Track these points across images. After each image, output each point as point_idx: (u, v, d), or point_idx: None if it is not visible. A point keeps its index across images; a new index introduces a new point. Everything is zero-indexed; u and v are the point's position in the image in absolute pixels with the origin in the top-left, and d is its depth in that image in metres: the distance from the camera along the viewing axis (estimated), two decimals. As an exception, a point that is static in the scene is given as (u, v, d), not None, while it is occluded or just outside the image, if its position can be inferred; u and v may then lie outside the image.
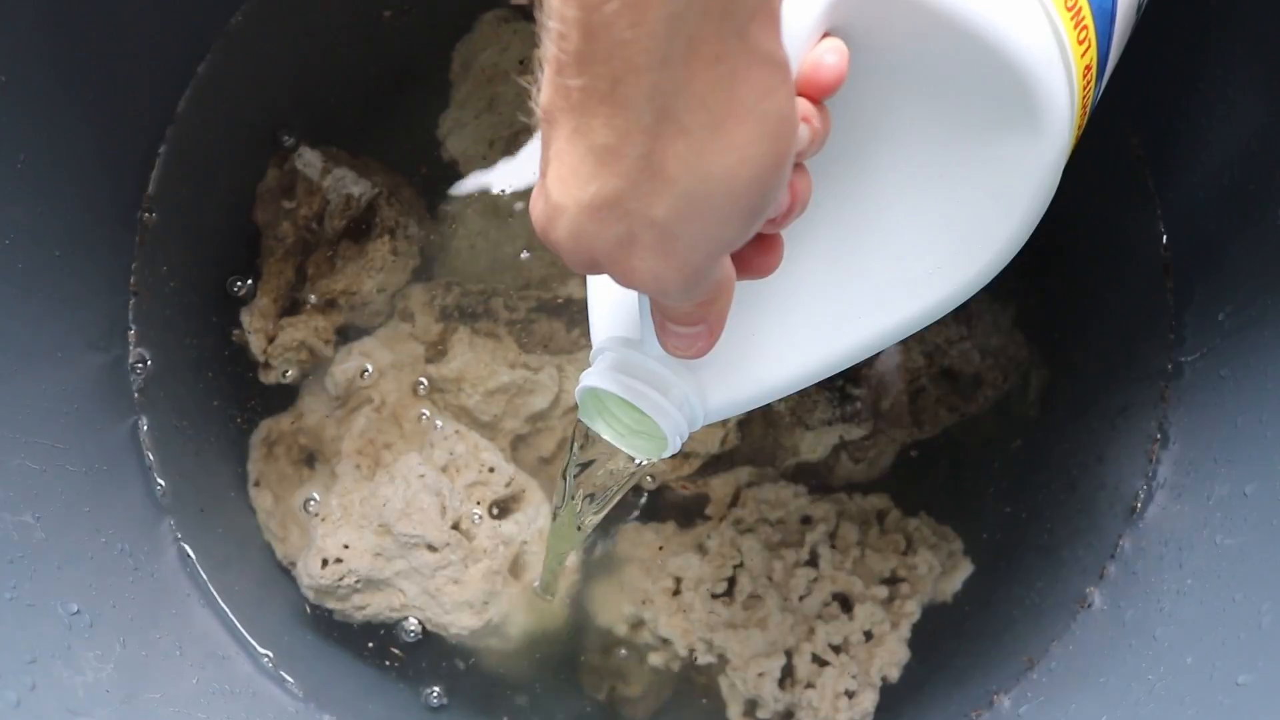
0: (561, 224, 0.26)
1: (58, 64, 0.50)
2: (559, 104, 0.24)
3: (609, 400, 0.35)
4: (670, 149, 0.24)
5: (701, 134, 0.24)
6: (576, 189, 0.25)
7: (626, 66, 0.22)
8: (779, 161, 0.25)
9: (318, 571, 0.53)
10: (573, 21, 0.22)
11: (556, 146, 0.25)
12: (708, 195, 0.25)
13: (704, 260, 0.27)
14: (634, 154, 0.24)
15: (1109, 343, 0.60)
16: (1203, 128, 0.54)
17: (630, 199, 0.24)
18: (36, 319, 0.51)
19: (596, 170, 0.24)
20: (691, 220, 0.25)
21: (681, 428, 0.36)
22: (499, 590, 0.55)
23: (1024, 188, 0.32)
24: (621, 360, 0.35)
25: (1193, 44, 0.54)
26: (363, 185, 0.59)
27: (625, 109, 0.23)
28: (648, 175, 0.24)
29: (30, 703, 0.43)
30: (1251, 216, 0.52)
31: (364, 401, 0.58)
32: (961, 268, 0.34)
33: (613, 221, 0.25)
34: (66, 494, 0.51)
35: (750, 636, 0.56)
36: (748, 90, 0.24)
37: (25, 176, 0.49)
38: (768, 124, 0.24)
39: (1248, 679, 0.44)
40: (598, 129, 0.24)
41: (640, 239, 0.25)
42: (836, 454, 0.61)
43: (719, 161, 0.24)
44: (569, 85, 0.23)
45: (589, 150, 0.24)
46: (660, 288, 0.27)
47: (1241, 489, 0.50)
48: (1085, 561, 0.58)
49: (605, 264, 0.27)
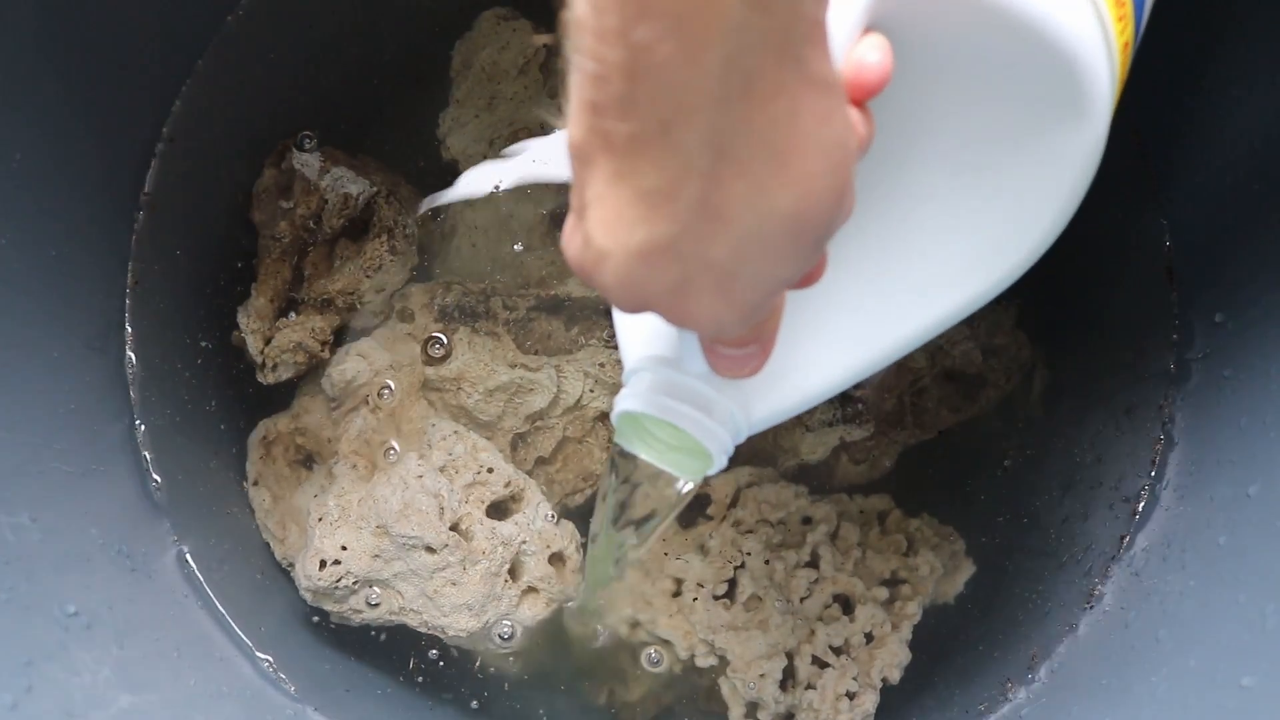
0: (608, 269, 0.24)
1: (55, 63, 0.49)
2: (596, 144, 0.22)
3: (648, 422, 0.34)
4: (729, 190, 0.22)
5: (762, 172, 0.22)
6: (624, 234, 0.23)
7: (678, 110, 0.21)
8: (843, 190, 0.24)
9: (316, 573, 0.52)
10: (615, 65, 0.20)
11: (596, 189, 0.23)
12: (771, 234, 0.23)
13: (765, 297, 0.26)
14: (689, 198, 0.22)
15: (1112, 343, 0.60)
16: (1206, 127, 0.54)
17: (686, 243, 0.23)
18: (33, 319, 0.51)
19: (647, 215, 0.23)
20: (753, 260, 0.24)
21: (726, 444, 0.35)
22: (498, 592, 0.55)
23: (1067, 173, 0.31)
24: (660, 381, 0.34)
25: (1197, 43, 0.53)
26: (361, 184, 0.58)
27: (677, 152, 0.22)
28: (704, 218, 0.23)
29: (27, 705, 0.43)
30: (1255, 217, 0.52)
31: (362, 401, 0.57)
32: (1002, 259, 0.33)
33: (666, 267, 0.24)
34: (63, 495, 0.51)
35: (751, 638, 0.56)
36: (807, 120, 0.22)
37: (22, 176, 0.49)
38: (829, 153, 0.23)
39: (1251, 681, 0.44)
40: (646, 172, 0.22)
41: (698, 283, 0.24)
42: (837, 454, 0.61)
43: (782, 199, 0.23)
44: (610, 129, 0.22)
45: (636, 195, 0.23)
46: (718, 328, 0.26)
47: (1245, 490, 0.50)
48: (1088, 563, 0.58)
49: (658, 307, 0.25)
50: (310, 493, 0.58)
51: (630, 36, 0.20)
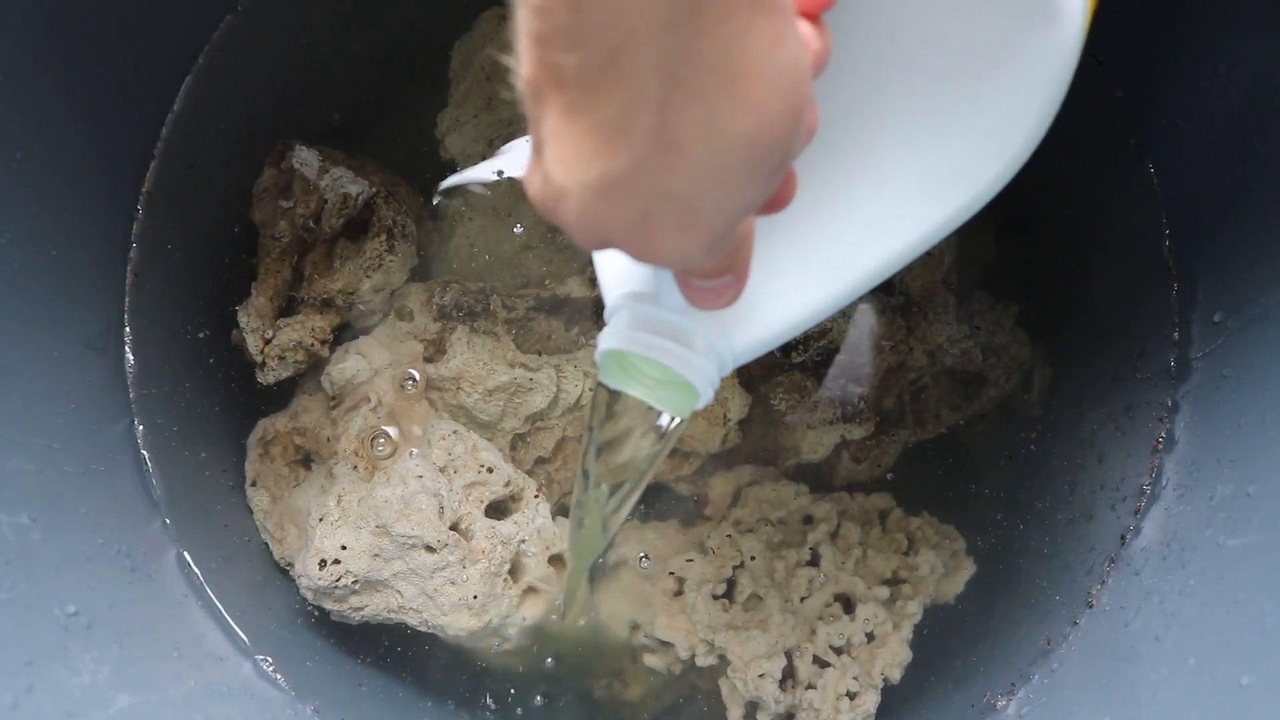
0: (568, 207, 0.24)
1: (54, 63, 0.49)
2: (546, 79, 0.22)
3: (633, 360, 0.34)
4: (682, 118, 0.22)
5: (715, 98, 0.22)
6: (580, 169, 0.23)
7: (626, 36, 0.20)
8: (797, 113, 0.23)
9: (315, 572, 0.53)
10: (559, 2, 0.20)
11: (550, 124, 0.23)
12: (728, 162, 0.23)
13: (728, 226, 0.25)
14: (642, 128, 0.22)
15: (1111, 343, 0.60)
16: (1206, 126, 0.54)
17: (643, 175, 0.23)
18: (33, 319, 0.51)
19: (601, 148, 0.22)
20: (712, 190, 0.23)
21: (711, 376, 0.34)
22: (498, 592, 0.55)
23: (1042, 81, 0.31)
24: (639, 317, 0.33)
25: (1197, 43, 0.53)
26: (360, 184, 0.58)
27: (627, 81, 0.21)
28: (660, 149, 0.22)
29: (27, 705, 0.43)
30: (1255, 216, 0.51)
31: (361, 401, 0.57)
32: (978, 174, 0.33)
33: (625, 200, 0.23)
34: (63, 495, 0.51)
35: (751, 638, 0.56)
36: (758, 43, 0.22)
37: (21, 176, 0.49)
38: (782, 76, 0.23)
39: (1251, 680, 0.44)
40: (598, 104, 0.22)
41: (658, 215, 0.24)
42: (838, 453, 0.61)
43: (737, 125, 0.22)
44: (558, 61, 0.21)
45: (590, 127, 0.22)
46: (684, 261, 0.25)
47: (1245, 489, 0.50)
48: (1088, 562, 0.58)
49: (620, 243, 0.25)
50: (309, 493, 0.58)
51: None
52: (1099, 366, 0.60)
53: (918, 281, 0.60)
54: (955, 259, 0.61)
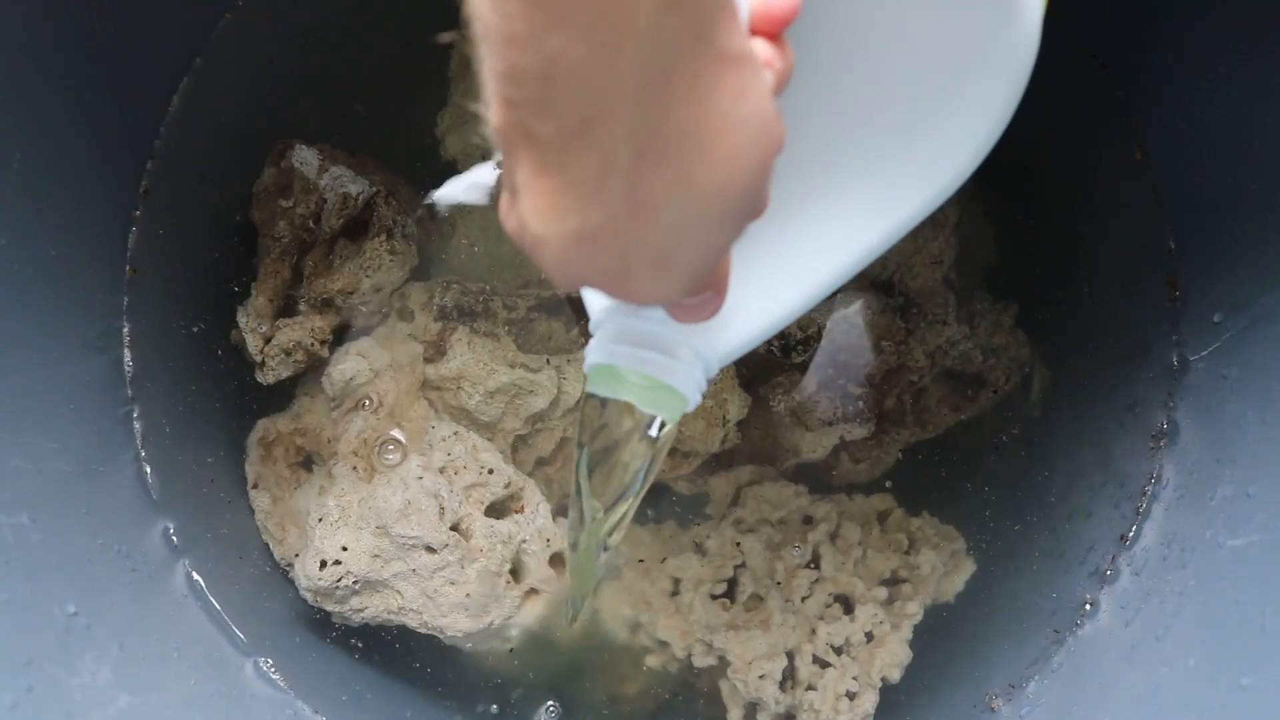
0: (546, 255, 0.24)
1: (52, 63, 0.49)
2: (517, 135, 0.22)
3: (619, 372, 0.35)
4: (654, 179, 0.22)
5: (686, 159, 0.22)
6: (555, 222, 0.23)
7: (597, 109, 0.21)
8: (767, 160, 0.24)
9: (316, 573, 0.52)
10: (529, 70, 0.20)
11: (523, 175, 0.23)
12: (701, 214, 0.24)
13: (705, 266, 0.26)
14: (615, 189, 0.22)
15: (1112, 343, 0.60)
16: (1206, 126, 0.54)
17: (617, 230, 0.23)
18: (33, 319, 0.51)
19: (576, 205, 0.23)
20: (687, 240, 0.24)
21: (698, 380, 0.35)
22: (498, 592, 0.55)
23: (1003, 73, 0.31)
24: (623, 330, 0.34)
25: (1198, 44, 0.53)
26: (360, 184, 0.58)
27: (599, 147, 0.21)
28: (633, 206, 0.23)
29: (27, 705, 0.43)
30: (1255, 217, 0.51)
31: (361, 401, 0.57)
32: (946, 165, 0.33)
33: (602, 251, 0.24)
34: (63, 495, 0.51)
35: (751, 638, 0.56)
36: (724, 99, 0.22)
37: (21, 176, 0.49)
38: (749, 128, 0.23)
39: (1251, 681, 0.44)
40: (570, 164, 0.22)
41: (635, 263, 0.24)
42: (838, 454, 0.61)
43: (708, 182, 0.23)
44: (529, 124, 0.21)
45: (564, 184, 0.22)
46: (664, 300, 0.26)
47: (1245, 489, 0.50)
48: (1088, 562, 0.58)
49: (599, 286, 0.26)
50: (309, 494, 0.58)
51: (542, 44, 0.20)
52: (1099, 367, 0.60)
53: (918, 282, 0.60)
54: (955, 259, 0.61)
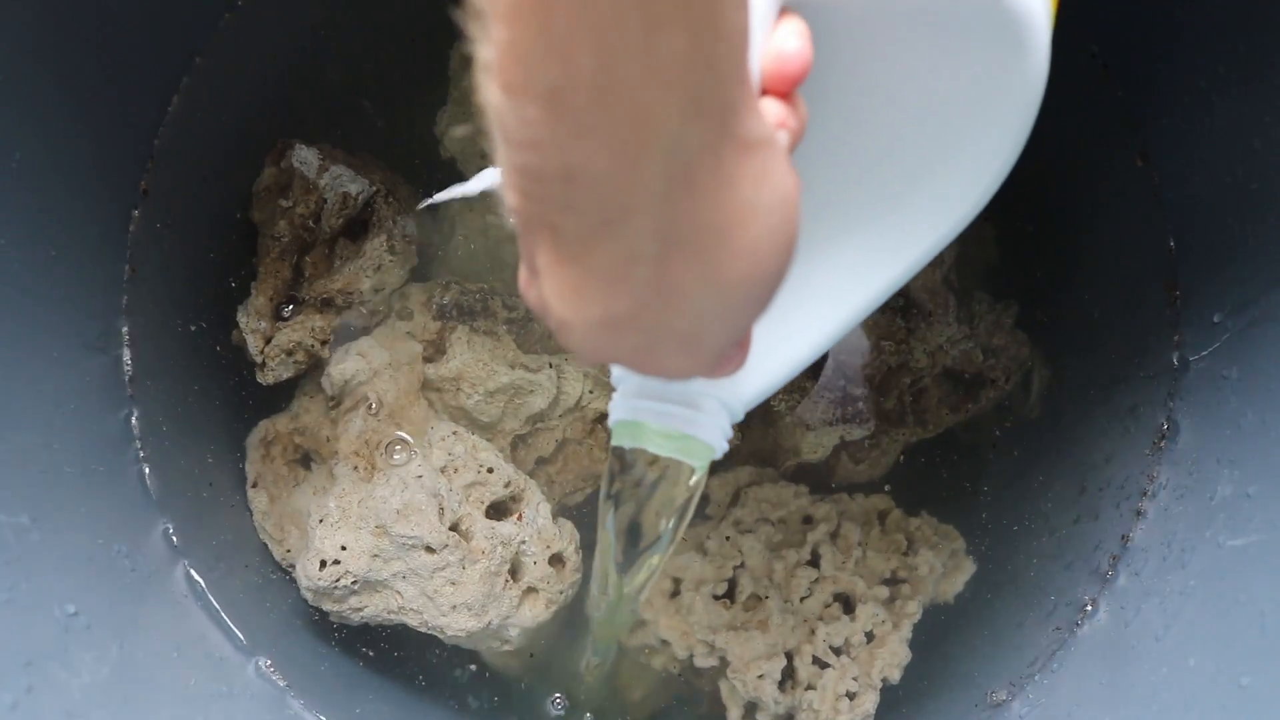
0: (571, 336, 0.24)
1: (52, 63, 0.49)
2: (537, 223, 0.22)
3: (645, 427, 0.35)
4: (679, 270, 0.22)
5: (710, 250, 0.22)
6: (580, 309, 0.23)
7: (620, 210, 0.21)
8: (790, 240, 0.24)
9: (315, 573, 0.52)
10: (551, 173, 0.20)
11: (544, 260, 0.23)
12: (727, 300, 0.24)
13: (731, 343, 0.26)
14: (640, 280, 0.22)
15: (1112, 344, 0.60)
16: (1206, 126, 0.54)
17: (643, 317, 0.23)
18: (33, 319, 0.51)
19: (601, 294, 0.23)
20: (713, 323, 0.24)
21: (724, 429, 0.36)
22: (498, 592, 0.55)
23: (1015, 106, 0.31)
24: (645, 385, 0.35)
25: (1197, 44, 0.53)
26: (360, 183, 0.58)
27: (623, 243, 0.21)
28: (659, 295, 0.23)
29: (27, 705, 0.43)
30: (1255, 216, 0.51)
31: (360, 401, 0.57)
32: (961, 200, 0.34)
33: (628, 335, 0.24)
34: (63, 495, 0.51)
35: (751, 638, 0.56)
36: (745, 187, 0.22)
37: (21, 176, 0.49)
38: (773, 213, 0.23)
39: (1250, 681, 0.44)
40: (593, 255, 0.22)
41: (662, 344, 0.24)
42: (837, 454, 0.61)
43: (732, 271, 0.23)
44: (550, 217, 0.21)
45: (588, 272, 0.22)
46: (692, 375, 0.26)
47: (1245, 490, 0.50)
48: (1088, 562, 0.58)
49: (627, 365, 0.26)
50: (309, 493, 0.58)
51: (565, 153, 0.19)
52: (1099, 367, 0.60)
53: (918, 282, 0.60)
54: (955, 259, 0.61)
